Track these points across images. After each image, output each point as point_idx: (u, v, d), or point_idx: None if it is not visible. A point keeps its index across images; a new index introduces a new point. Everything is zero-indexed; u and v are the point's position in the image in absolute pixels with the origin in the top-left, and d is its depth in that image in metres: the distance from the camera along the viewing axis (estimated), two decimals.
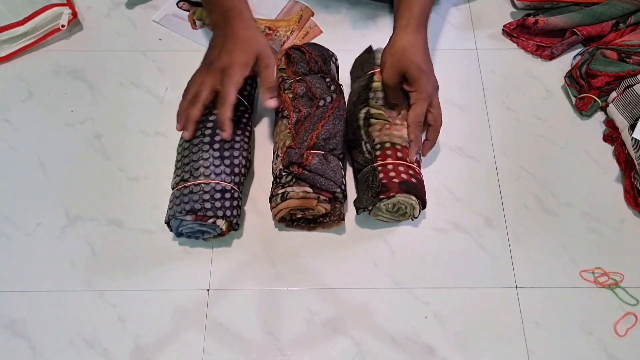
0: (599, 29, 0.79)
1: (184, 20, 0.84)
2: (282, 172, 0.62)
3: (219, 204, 0.60)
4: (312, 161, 0.60)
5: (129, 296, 0.63)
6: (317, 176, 0.60)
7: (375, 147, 0.63)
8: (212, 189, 0.60)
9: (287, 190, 0.60)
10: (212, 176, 0.61)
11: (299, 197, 0.60)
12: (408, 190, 0.60)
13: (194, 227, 0.61)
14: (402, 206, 0.62)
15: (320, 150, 0.62)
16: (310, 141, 0.62)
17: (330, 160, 0.62)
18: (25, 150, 0.72)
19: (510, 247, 0.66)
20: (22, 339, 0.60)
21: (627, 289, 0.64)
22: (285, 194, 0.61)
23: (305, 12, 0.86)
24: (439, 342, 0.61)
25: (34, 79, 0.78)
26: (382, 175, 0.60)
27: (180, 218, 0.60)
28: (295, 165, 0.60)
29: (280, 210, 0.62)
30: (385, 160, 0.62)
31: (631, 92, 0.72)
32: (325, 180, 0.60)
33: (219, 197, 0.60)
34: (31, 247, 0.66)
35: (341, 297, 0.63)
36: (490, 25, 0.85)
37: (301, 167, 0.60)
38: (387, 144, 0.63)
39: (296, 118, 0.64)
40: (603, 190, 0.70)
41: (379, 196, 0.60)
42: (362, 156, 0.63)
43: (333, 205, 0.62)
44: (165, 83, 0.78)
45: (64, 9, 0.79)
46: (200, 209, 0.59)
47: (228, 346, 0.60)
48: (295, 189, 0.60)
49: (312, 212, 0.62)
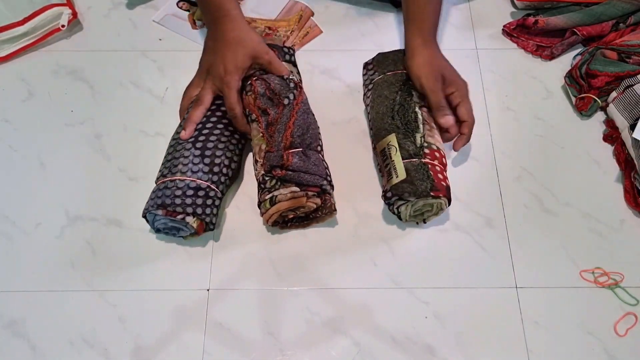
0: (599, 29, 0.79)
1: (184, 20, 0.84)
2: (264, 177, 0.62)
3: (189, 200, 0.60)
4: (293, 160, 0.60)
5: (129, 296, 0.63)
6: (301, 174, 0.60)
7: (424, 145, 0.63)
8: (185, 186, 0.60)
9: (274, 194, 0.60)
10: (189, 173, 0.61)
11: (287, 199, 0.60)
12: (449, 196, 0.61)
13: (166, 223, 0.61)
14: (428, 209, 0.62)
15: (297, 148, 0.62)
16: (285, 141, 0.62)
17: (310, 155, 0.62)
18: (25, 150, 0.72)
19: (510, 247, 0.66)
20: (22, 339, 0.60)
21: (627, 289, 0.64)
22: (274, 198, 0.60)
23: (305, 12, 0.86)
24: (439, 342, 0.61)
25: (34, 79, 0.78)
26: (432, 173, 0.61)
27: (153, 213, 0.60)
28: (277, 168, 0.60)
29: (272, 215, 0.62)
30: (434, 161, 0.62)
31: (631, 92, 0.72)
32: (310, 176, 0.60)
33: (192, 194, 0.60)
34: (31, 247, 0.66)
35: (341, 297, 0.63)
36: (490, 25, 0.85)
37: (283, 168, 0.60)
38: (434, 147, 0.63)
39: (266, 121, 0.64)
40: (603, 190, 0.70)
41: (430, 192, 0.59)
42: (414, 146, 0.63)
43: (323, 199, 0.62)
44: (165, 83, 0.78)
45: (64, 9, 0.79)
46: (170, 204, 0.59)
47: (228, 346, 0.60)
48: (282, 191, 0.60)
49: (304, 210, 0.62)
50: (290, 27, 0.84)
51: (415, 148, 0.62)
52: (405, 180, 0.61)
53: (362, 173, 0.71)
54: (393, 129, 0.64)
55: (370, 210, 0.68)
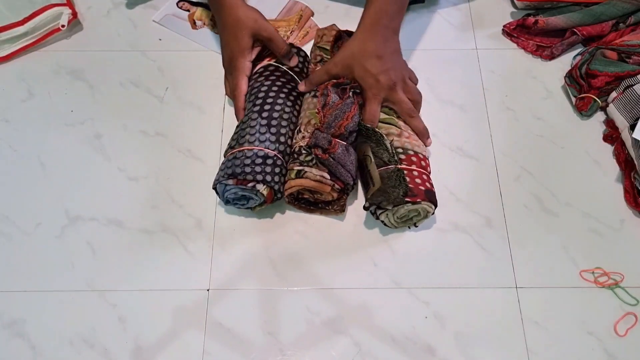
0: (599, 29, 0.79)
1: (184, 20, 0.84)
2: (302, 149, 0.62)
3: (259, 168, 0.61)
4: (338, 150, 0.61)
5: (129, 296, 0.63)
6: (339, 165, 0.61)
7: (398, 150, 0.63)
8: (254, 155, 0.61)
9: (305, 169, 0.61)
10: (256, 143, 0.62)
11: (315, 180, 0.61)
12: (431, 199, 0.61)
13: (237, 192, 0.62)
14: (415, 214, 0.62)
15: (343, 141, 0.63)
16: (338, 130, 0.62)
17: (351, 152, 0.63)
18: (25, 150, 0.72)
19: (510, 247, 0.66)
20: (22, 339, 0.60)
21: (627, 289, 0.64)
22: (302, 172, 0.61)
23: (305, 12, 0.86)
24: (439, 342, 0.61)
25: (34, 79, 0.78)
26: (408, 179, 0.61)
27: (224, 183, 0.61)
28: (321, 149, 0.61)
29: (292, 187, 0.62)
30: (410, 166, 0.62)
31: (631, 92, 0.72)
32: (344, 171, 0.61)
33: (260, 162, 0.61)
34: (31, 247, 0.66)
35: (341, 297, 0.63)
36: (490, 25, 0.85)
37: (326, 152, 0.61)
38: (410, 152, 0.63)
39: (324, 102, 0.64)
40: (603, 190, 0.70)
41: (404, 198, 0.59)
42: (387, 154, 0.63)
43: (340, 196, 0.64)
44: (165, 83, 0.78)
45: (64, 9, 0.79)
46: (241, 173, 0.60)
47: (228, 346, 0.60)
48: (313, 171, 0.61)
49: (320, 197, 0.63)
50: (290, 27, 0.84)
51: (389, 154, 0.63)
52: (379, 189, 0.61)
53: None
54: (364, 141, 0.65)
55: None
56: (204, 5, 0.85)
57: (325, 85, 0.66)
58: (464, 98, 0.77)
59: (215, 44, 0.81)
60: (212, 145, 0.72)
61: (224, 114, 0.75)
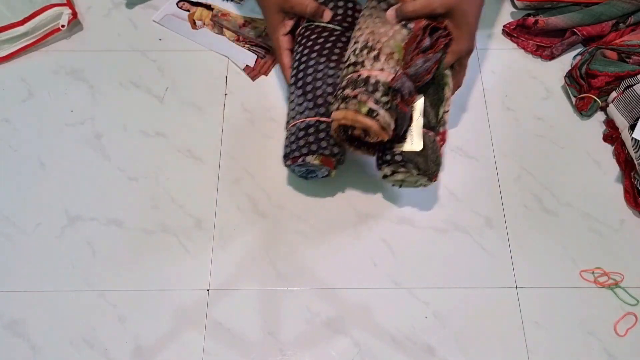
0: (599, 29, 0.79)
1: (184, 20, 0.84)
2: (380, 84, 0.55)
3: (302, 142, 0.60)
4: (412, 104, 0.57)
5: (129, 296, 0.63)
6: (407, 120, 0.57)
7: (440, 120, 0.60)
8: (296, 129, 0.61)
9: (378, 111, 0.54)
10: (297, 116, 0.62)
11: (382, 126, 0.54)
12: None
13: (300, 169, 0.63)
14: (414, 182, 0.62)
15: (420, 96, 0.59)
16: (419, 80, 0.57)
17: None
18: (25, 150, 0.72)
19: (510, 247, 0.66)
20: (22, 339, 0.60)
21: (627, 289, 0.64)
22: (375, 114, 0.54)
23: None
24: (439, 342, 0.61)
25: (34, 79, 0.78)
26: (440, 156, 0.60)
27: (286, 165, 0.62)
28: (400, 96, 0.55)
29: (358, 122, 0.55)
30: (440, 142, 0.61)
31: (631, 92, 0.72)
32: (407, 127, 0.58)
33: (302, 135, 0.60)
34: (31, 247, 0.66)
35: (341, 297, 0.63)
36: (490, 25, 0.85)
37: (405, 103, 0.55)
38: (446, 126, 0.62)
39: (416, 42, 0.57)
40: (603, 190, 0.70)
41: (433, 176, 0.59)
42: (436, 119, 0.59)
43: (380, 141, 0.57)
44: (165, 83, 0.78)
45: (64, 9, 0.79)
46: (289, 152, 0.61)
47: (228, 346, 0.60)
48: (386, 117, 0.54)
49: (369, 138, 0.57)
50: None
51: (436, 120, 0.59)
52: (419, 153, 0.57)
53: (363, 173, 0.71)
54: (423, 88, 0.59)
55: (370, 210, 0.68)
56: (204, 5, 0.85)
57: (426, 24, 0.57)
58: (464, 98, 0.77)
59: (215, 44, 0.81)
60: (212, 145, 0.72)
61: (224, 114, 0.75)
